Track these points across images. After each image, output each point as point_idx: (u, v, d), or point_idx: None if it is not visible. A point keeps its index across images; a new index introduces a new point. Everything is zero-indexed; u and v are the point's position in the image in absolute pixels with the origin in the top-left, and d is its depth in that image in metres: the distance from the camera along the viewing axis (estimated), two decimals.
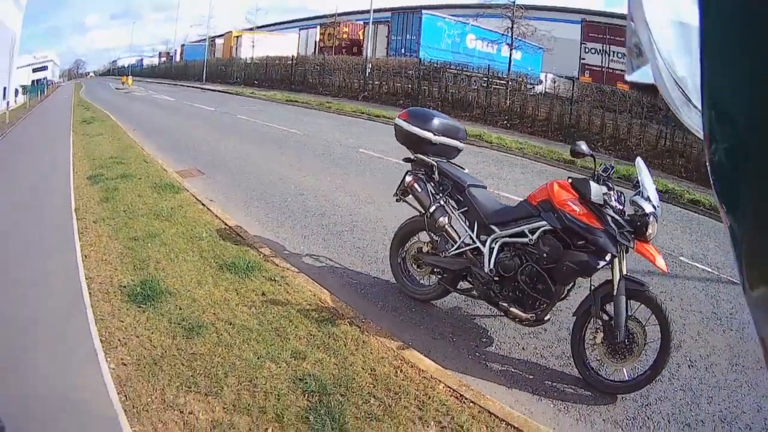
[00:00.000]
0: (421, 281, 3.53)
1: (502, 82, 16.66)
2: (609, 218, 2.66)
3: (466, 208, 3.20)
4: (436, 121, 3.36)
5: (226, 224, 4.69)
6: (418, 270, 3.49)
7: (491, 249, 3.01)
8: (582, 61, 24.11)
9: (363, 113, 14.71)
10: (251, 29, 37.58)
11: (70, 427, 2.17)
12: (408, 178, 3.37)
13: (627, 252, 2.72)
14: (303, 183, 6.59)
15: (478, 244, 3.09)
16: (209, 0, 55.95)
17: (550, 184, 2.88)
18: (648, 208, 2.63)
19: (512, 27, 15.37)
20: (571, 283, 2.91)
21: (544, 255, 2.80)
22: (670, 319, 2.60)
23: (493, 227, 3.05)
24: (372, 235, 4.77)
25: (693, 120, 0.56)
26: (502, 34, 16.06)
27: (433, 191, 3.30)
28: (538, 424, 2.34)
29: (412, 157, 3.47)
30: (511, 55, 15.97)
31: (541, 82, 20.53)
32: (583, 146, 2.75)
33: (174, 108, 17.93)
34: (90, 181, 6.38)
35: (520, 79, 17.31)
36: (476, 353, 3.00)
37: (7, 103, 15.43)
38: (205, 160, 8.10)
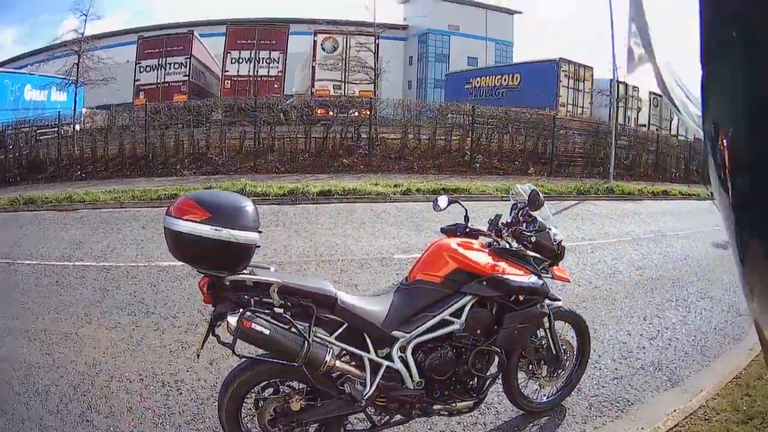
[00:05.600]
0: None
1: (54, 129, 14.77)
2: (531, 258, 2.47)
3: (344, 326, 2.20)
4: (250, 208, 2.02)
5: None
6: None
7: (403, 359, 2.27)
8: (137, 82, 20.23)
9: None
10: None
11: None
12: (232, 320, 1.95)
13: None
14: None
15: (385, 362, 2.25)
16: None
17: (449, 249, 2.36)
18: (560, 234, 2.57)
19: (78, 62, 14.09)
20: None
21: (478, 332, 2.34)
22: (587, 326, 2.77)
23: (394, 334, 2.27)
24: None
25: (693, 119, 0.56)
26: (63, 78, 14.91)
27: (285, 325, 2.08)
28: None
29: (226, 281, 2.01)
30: (76, 95, 14.77)
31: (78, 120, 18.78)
32: (442, 201, 2.68)
33: None
34: None
35: (64, 122, 15.48)
36: None
37: None
38: None
